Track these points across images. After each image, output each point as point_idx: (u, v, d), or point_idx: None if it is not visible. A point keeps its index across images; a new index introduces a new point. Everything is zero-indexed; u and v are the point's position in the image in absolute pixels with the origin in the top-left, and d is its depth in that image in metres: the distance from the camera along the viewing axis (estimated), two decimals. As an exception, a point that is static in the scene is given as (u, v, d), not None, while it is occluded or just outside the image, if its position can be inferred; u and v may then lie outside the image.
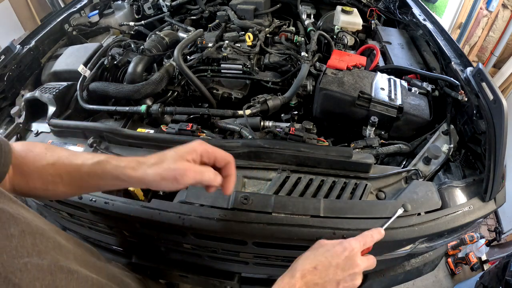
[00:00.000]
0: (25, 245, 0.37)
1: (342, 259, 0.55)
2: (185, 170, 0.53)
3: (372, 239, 0.61)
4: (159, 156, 0.56)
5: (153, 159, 0.55)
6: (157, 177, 0.53)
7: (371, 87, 1.15)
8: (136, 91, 1.16)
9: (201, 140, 0.60)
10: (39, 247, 0.39)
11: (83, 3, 1.70)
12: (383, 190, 0.88)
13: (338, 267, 0.54)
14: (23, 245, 0.37)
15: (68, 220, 1.08)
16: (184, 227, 0.78)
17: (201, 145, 0.57)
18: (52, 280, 0.38)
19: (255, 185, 0.88)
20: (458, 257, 2.18)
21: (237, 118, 1.13)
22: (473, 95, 0.98)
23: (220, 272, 1.08)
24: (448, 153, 0.96)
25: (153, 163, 0.54)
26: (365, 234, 0.62)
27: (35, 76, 1.35)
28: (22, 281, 0.34)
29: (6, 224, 0.37)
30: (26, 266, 0.36)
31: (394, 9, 1.74)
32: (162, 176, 0.53)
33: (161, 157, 0.55)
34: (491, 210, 0.86)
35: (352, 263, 0.56)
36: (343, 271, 0.55)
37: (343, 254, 0.56)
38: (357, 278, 0.56)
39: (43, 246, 0.40)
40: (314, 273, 0.53)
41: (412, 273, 1.21)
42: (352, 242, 0.58)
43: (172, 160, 0.54)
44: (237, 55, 1.32)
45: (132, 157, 0.57)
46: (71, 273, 0.42)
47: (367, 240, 0.60)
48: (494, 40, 3.04)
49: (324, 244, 0.59)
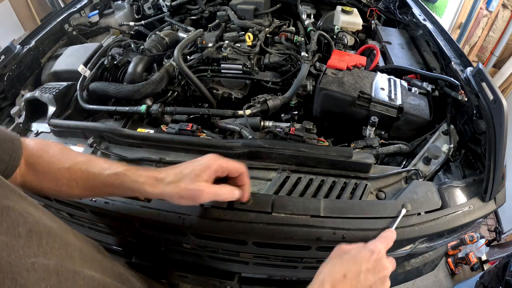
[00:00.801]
0: (31, 245, 0.37)
1: (371, 263, 0.54)
2: (202, 192, 0.56)
3: (392, 240, 0.62)
4: (176, 173, 0.58)
5: (171, 176, 0.57)
6: (175, 195, 0.56)
7: (371, 87, 1.15)
8: (136, 91, 1.16)
9: (213, 155, 0.61)
10: (45, 248, 0.39)
11: (83, 3, 1.70)
12: (383, 190, 0.88)
13: (368, 272, 0.53)
14: (29, 245, 0.37)
15: (68, 220, 1.08)
16: (184, 227, 0.78)
17: (215, 161, 0.59)
18: (58, 281, 0.38)
19: (255, 185, 0.88)
20: (458, 257, 2.18)
21: (237, 118, 1.13)
22: (473, 95, 0.98)
23: (220, 272, 1.08)
24: (448, 153, 0.96)
25: (171, 181, 0.57)
26: (384, 235, 0.62)
27: (35, 76, 1.35)
28: (28, 281, 0.34)
29: (15, 223, 0.37)
30: (33, 266, 0.35)
31: (394, 9, 1.74)
32: (180, 195, 0.56)
33: (178, 175, 0.57)
34: (491, 210, 0.86)
35: (382, 266, 0.55)
36: (374, 275, 0.53)
37: (372, 258, 0.55)
38: (386, 281, 0.55)
39: (49, 246, 0.40)
40: (345, 281, 0.51)
41: (412, 273, 1.21)
42: (378, 244, 0.58)
43: (189, 180, 0.56)
44: (237, 55, 1.32)
45: (148, 172, 0.59)
46: (77, 274, 0.42)
47: (389, 241, 0.61)
48: (494, 40, 3.04)
49: (348, 250, 0.57)
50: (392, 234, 0.64)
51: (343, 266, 0.53)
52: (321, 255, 0.85)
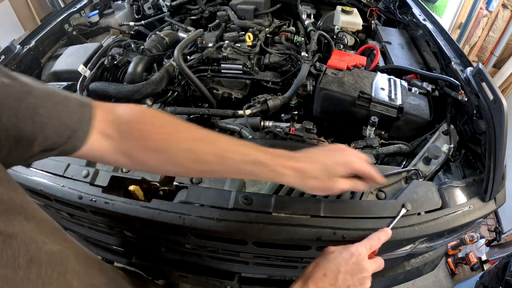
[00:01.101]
0: (30, 277, 0.36)
1: (350, 265, 0.57)
2: (339, 189, 0.59)
3: (379, 241, 0.63)
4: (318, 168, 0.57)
5: (314, 172, 0.57)
6: (315, 189, 0.59)
7: (371, 87, 1.15)
8: (136, 91, 1.16)
9: (352, 151, 0.63)
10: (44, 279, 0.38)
11: (83, 3, 1.70)
12: (383, 190, 0.88)
13: (347, 273, 0.57)
14: (28, 277, 0.36)
15: (68, 220, 1.08)
16: (184, 227, 0.78)
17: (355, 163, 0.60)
18: None
19: (255, 185, 0.88)
20: (458, 257, 2.18)
21: (237, 118, 1.13)
22: (473, 95, 0.98)
23: (220, 272, 1.08)
24: (448, 153, 0.96)
25: (314, 176, 0.57)
26: (371, 237, 0.64)
27: (35, 76, 1.35)
28: None
29: (16, 253, 0.36)
30: None
31: (394, 9, 1.74)
32: (319, 189, 0.58)
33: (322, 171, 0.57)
34: (491, 210, 0.86)
35: (360, 268, 0.58)
36: (352, 276, 0.57)
37: (351, 260, 0.58)
38: (366, 281, 0.58)
39: (47, 276, 0.38)
40: (324, 280, 0.56)
41: (412, 273, 1.21)
42: (358, 247, 0.60)
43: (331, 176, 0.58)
44: (237, 55, 1.32)
45: (288, 161, 0.56)
46: None
47: (374, 243, 0.62)
48: (494, 40, 3.04)
49: (332, 251, 0.61)
50: (382, 236, 0.65)
51: (325, 265, 0.58)
52: (321, 255, 0.85)
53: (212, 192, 0.81)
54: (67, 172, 0.89)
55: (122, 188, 0.87)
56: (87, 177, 0.87)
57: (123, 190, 0.90)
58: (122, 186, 0.87)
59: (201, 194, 0.80)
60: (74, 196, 0.83)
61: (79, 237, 1.29)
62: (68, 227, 1.21)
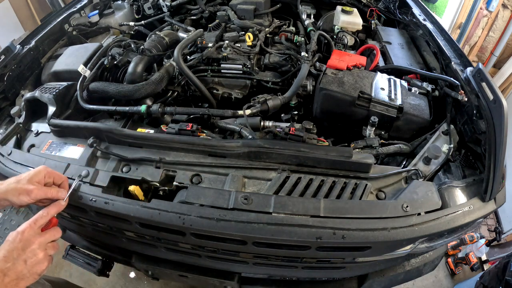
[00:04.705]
0: None
1: (17, 242, 0.69)
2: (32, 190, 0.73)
3: (48, 215, 0.74)
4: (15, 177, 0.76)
5: (11, 179, 0.75)
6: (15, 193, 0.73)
7: (371, 87, 1.15)
8: (136, 91, 1.16)
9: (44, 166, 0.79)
10: None
11: (83, 3, 1.70)
12: (383, 190, 0.88)
13: (18, 249, 0.68)
14: None
15: (69, 221, 1.08)
16: (184, 227, 0.78)
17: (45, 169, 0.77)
18: None
19: (255, 185, 0.88)
20: (458, 257, 2.18)
21: (237, 118, 1.13)
22: (473, 95, 0.98)
23: (220, 272, 1.08)
24: (448, 153, 0.96)
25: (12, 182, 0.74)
26: (39, 213, 0.74)
27: (35, 76, 1.35)
28: None
29: None
30: None
31: (394, 9, 1.74)
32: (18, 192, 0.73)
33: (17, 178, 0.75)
34: (491, 210, 0.86)
35: (27, 243, 0.69)
36: (23, 251, 0.69)
37: (17, 238, 0.69)
38: (37, 252, 0.70)
39: None
40: (6, 260, 0.67)
41: (412, 273, 1.21)
42: (22, 226, 0.71)
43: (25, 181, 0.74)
44: (237, 55, 1.32)
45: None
46: None
47: (39, 218, 0.72)
48: (494, 40, 3.04)
49: (9, 236, 0.72)
50: (52, 209, 0.75)
51: (3, 249, 0.68)
52: (321, 255, 0.85)
53: (212, 192, 0.81)
54: (67, 172, 0.89)
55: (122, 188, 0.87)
56: (87, 177, 0.87)
57: (123, 190, 0.90)
58: (122, 186, 0.87)
59: (201, 194, 0.80)
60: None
61: (79, 237, 1.29)
62: (69, 227, 1.21)
